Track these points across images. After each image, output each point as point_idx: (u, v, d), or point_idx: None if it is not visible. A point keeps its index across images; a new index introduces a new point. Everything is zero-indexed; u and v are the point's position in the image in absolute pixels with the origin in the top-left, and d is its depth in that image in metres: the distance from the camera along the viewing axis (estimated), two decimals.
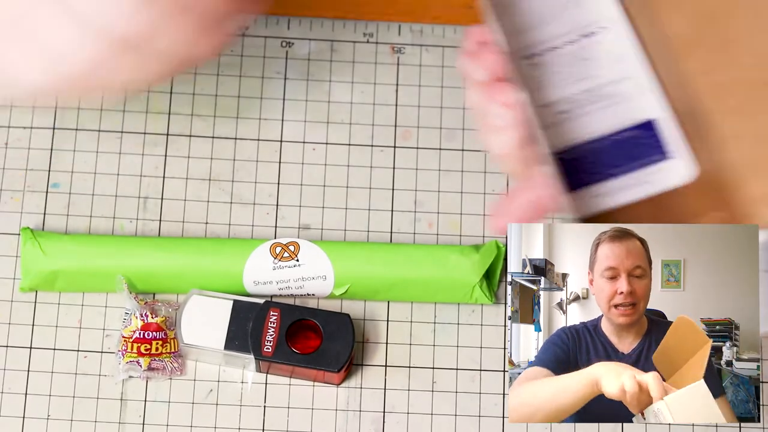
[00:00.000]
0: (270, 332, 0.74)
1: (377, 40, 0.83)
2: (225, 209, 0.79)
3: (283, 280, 0.76)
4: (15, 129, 0.80)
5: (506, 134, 0.62)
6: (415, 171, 0.81)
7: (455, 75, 0.82)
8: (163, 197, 0.79)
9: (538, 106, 0.61)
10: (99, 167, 0.80)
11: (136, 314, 0.75)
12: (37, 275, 0.76)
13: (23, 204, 0.79)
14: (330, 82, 0.82)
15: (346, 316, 0.74)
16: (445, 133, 0.81)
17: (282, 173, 0.80)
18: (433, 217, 0.80)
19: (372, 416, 0.75)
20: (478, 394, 0.76)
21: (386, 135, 0.81)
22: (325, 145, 0.81)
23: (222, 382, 0.76)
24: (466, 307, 0.78)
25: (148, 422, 0.75)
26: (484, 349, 0.77)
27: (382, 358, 0.77)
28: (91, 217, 0.79)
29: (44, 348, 0.76)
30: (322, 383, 0.76)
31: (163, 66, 0.62)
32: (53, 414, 0.75)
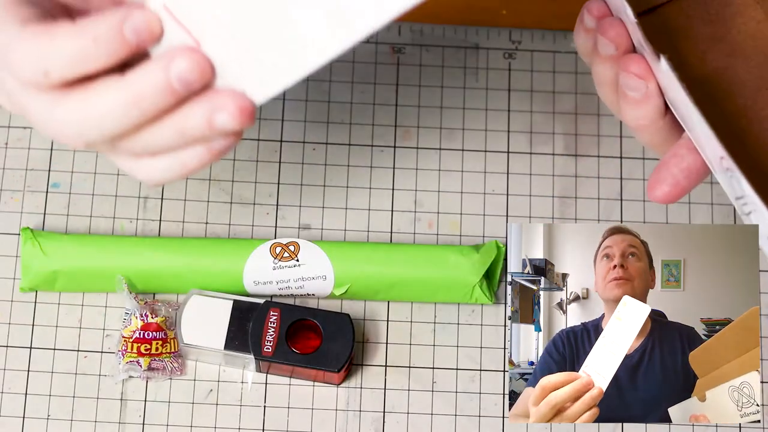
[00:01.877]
0: (270, 332, 0.74)
1: (377, 40, 0.83)
2: (225, 209, 0.79)
3: (283, 280, 0.76)
4: (15, 129, 0.80)
5: (644, 106, 0.60)
6: (415, 171, 0.81)
7: (455, 75, 0.82)
8: (163, 197, 0.79)
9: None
10: (99, 167, 0.80)
11: (136, 314, 0.75)
12: (37, 275, 0.76)
13: (23, 204, 0.79)
14: (330, 82, 0.82)
15: (346, 316, 0.74)
16: (445, 133, 0.81)
17: (282, 173, 0.80)
18: (433, 217, 0.80)
19: (372, 416, 0.75)
20: (478, 394, 0.76)
21: (386, 135, 0.81)
22: (325, 145, 0.81)
23: (222, 382, 0.76)
24: (466, 307, 0.78)
25: (148, 422, 0.75)
26: (483, 349, 0.77)
27: (382, 358, 0.77)
28: (91, 217, 0.79)
29: (44, 348, 0.76)
30: (322, 383, 0.76)
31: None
32: (53, 414, 0.75)
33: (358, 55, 0.83)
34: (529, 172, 0.81)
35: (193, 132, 0.56)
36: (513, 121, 0.82)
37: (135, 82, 0.54)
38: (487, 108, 0.82)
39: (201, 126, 0.55)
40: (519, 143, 0.81)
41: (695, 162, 0.60)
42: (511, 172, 0.81)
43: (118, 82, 0.55)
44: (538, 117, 0.82)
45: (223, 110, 0.55)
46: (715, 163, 0.58)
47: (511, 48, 0.83)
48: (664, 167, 0.60)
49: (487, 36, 0.83)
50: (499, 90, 0.82)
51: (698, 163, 0.60)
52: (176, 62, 0.54)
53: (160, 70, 0.54)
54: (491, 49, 0.83)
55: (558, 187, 0.80)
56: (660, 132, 0.61)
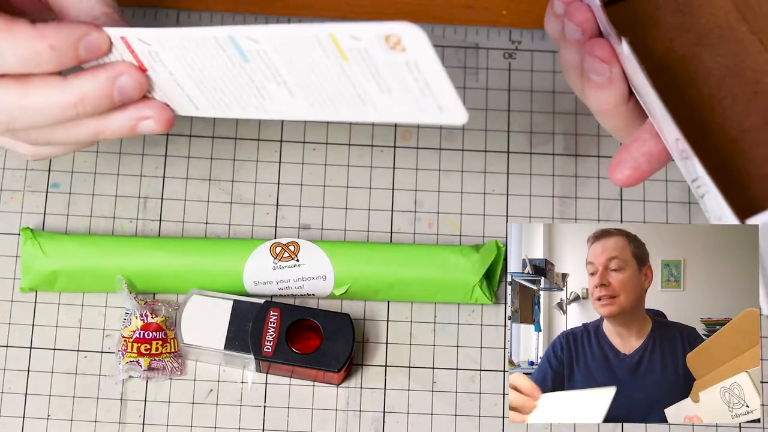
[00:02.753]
0: (270, 332, 0.74)
1: None
2: (225, 209, 0.79)
3: (283, 280, 0.76)
4: None
5: (607, 90, 0.61)
6: (415, 171, 0.81)
7: (455, 75, 0.82)
8: (163, 197, 0.79)
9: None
10: (99, 167, 0.80)
11: (136, 314, 0.75)
12: (37, 275, 0.76)
13: (23, 204, 0.79)
14: None
15: (346, 316, 0.74)
16: (445, 133, 0.81)
17: (282, 173, 0.80)
18: (433, 217, 0.80)
19: (372, 416, 0.75)
20: (477, 394, 0.76)
21: (386, 135, 0.81)
22: (325, 145, 0.81)
23: (222, 382, 0.76)
24: (466, 307, 0.78)
25: (148, 422, 0.75)
26: (483, 349, 0.77)
27: (382, 358, 0.77)
28: (91, 217, 0.79)
29: (44, 348, 0.76)
30: (322, 383, 0.76)
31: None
32: (53, 414, 0.75)
33: None
34: (529, 172, 0.81)
35: (110, 135, 0.63)
36: (513, 121, 0.82)
37: (79, 86, 0.61)
38: (487, 108, 0.82)
39: (121, 131, 0.63)
40: (519, 143, 0.81)
41: (656, 147, 0.61)
42: (511, 172, 0.81)
43: (62, 83, 0.61)
44: (538, 117, 0.82)
45: (149, 119, 0.63)
46: (672, 145, 0.59)
47: (511, 48, 0.83)
48: (625, 151, 0.61)
49: (487, 36, 0.83)
50: (499, 90, 0.82)
51: (659, 148, 0.61)
52: (122, 78, 0.61)
53: (106, 80, 0.61)
54: (491, 49, 0.83)
55: (558, 187, 0.80)
56: (623, 117, 0.62)
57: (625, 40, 0.59)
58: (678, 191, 0.80)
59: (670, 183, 0.80)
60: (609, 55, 0.60)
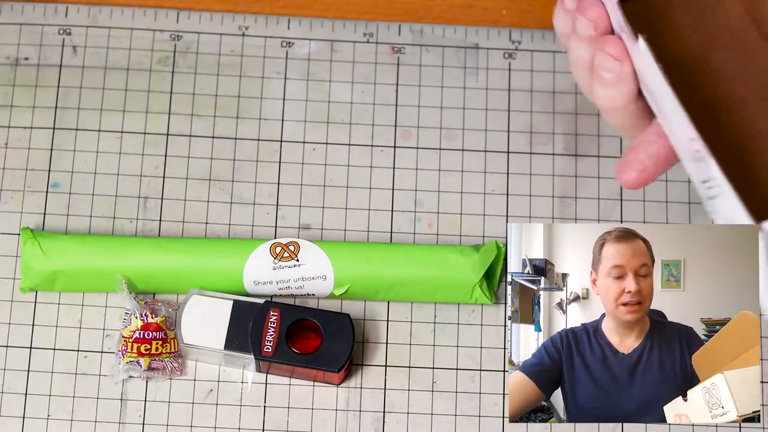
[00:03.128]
0: (270, 332, 0.74)
1: (377, 40, 0.83)
2: (225, 209, 0.79)
3: (283, 280, 0.76)
4: (15, 129, 0.80)
5: (618, 87, 0.61)
6: (415, 171, 0.81)
7: (455, 75, 0.82)
8: (163, 197, 0.79)
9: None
10: (99, 167, 0.80)
11: (136, 314, 0.75)
12: (37, 275, 0.76)
13: (23, 204, 0.79)
14: (330, 82, 0.82)
15: (346, 316, 0.74)
16: (445, 133, 0.81)
17: (282, 173, 0.80)
18: (433, 217, 0.80)
19: (372, 416, 0.75)
20: (477, 394, 0.76)
21: (386, 135, 0.81)
22: (325, 145, 0.81)
23: (222, 382, 0.76)
24: (466, 307, 0.78)
25: (148, 422, 0.75)
26: (483, 349, 0.77)
27: (382, 358, 0.77)
28: (91, 217, 0.79)
29: (44, 348, 0.76)
30: (322, 383, 0.76)
31: None
32: (53, 414, 0.75)
33: (358, 55, 0.83)
34: (529, 172, 0.81)
35: None
36: (513, 121, 0.82)
37: None
38: (487, 108, 0.82)
39: None
40: (519, 143, 0.81)
41: (663, 148, 0.61)
42: (511, 172, 0.81)
43: None
44: (538, 117, 0.82)
45: None
46: (684, 145, 0.58)
47: (511, 48, 0.83)
48: (632, 152, 0.61)
49: (487, 36, 0.83)
50: (499, 90, 0.82)
51: (666, 150, 0.61)
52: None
53: None
54: (491, 49, 0.83)
55: (558, 187, 0.80)
56: (631, 115, 0.62)
57: (642, 37, 0.59)
58: (678, 191, 0.80)
59: (670, 183, 0.80)
60: (621, 53, 0.60)
